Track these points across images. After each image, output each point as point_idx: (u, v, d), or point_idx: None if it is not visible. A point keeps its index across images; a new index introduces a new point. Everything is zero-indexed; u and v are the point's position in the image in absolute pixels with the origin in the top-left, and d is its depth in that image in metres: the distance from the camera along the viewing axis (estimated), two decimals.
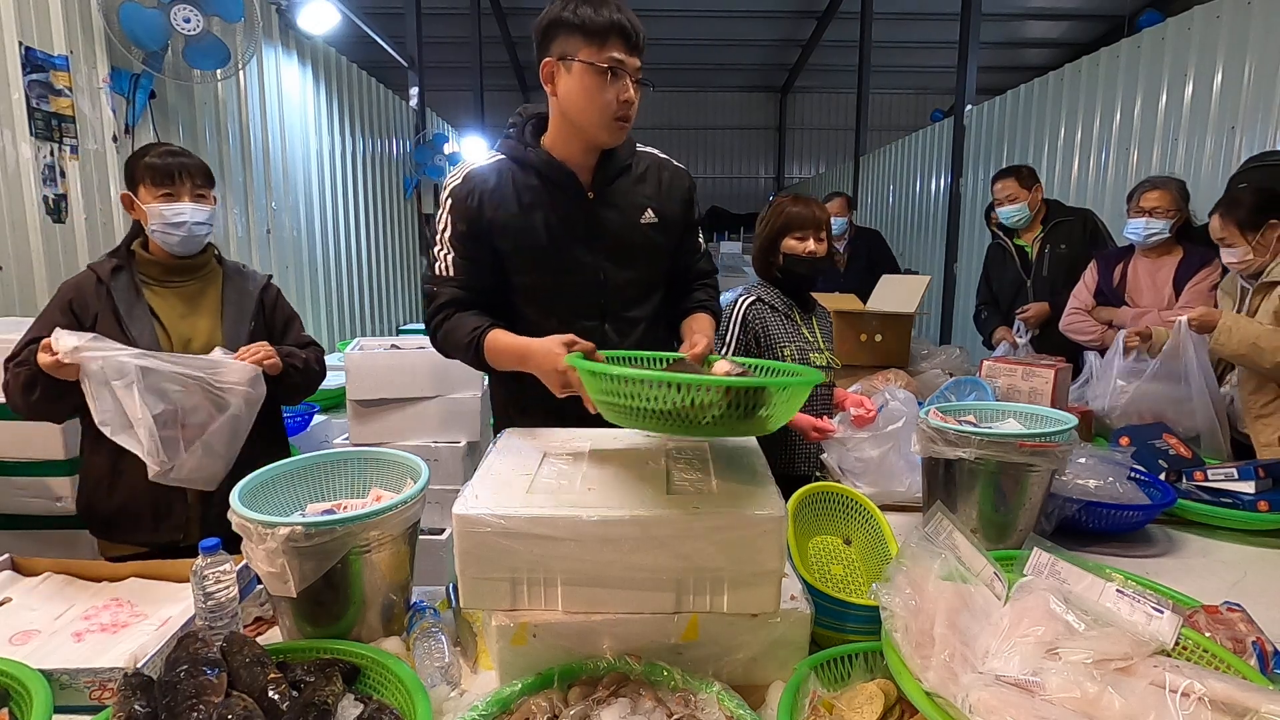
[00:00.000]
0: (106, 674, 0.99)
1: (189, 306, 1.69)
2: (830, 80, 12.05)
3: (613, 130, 1.37)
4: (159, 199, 1.61)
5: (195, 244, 1.68)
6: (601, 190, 1.46)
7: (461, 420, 2.42)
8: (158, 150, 1.65)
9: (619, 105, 1.34)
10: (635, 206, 1.48)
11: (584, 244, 1.45)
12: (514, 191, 1.43)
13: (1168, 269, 2.57)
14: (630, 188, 1.49)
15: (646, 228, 1.49)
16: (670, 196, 1.53)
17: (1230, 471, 1.69)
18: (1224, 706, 0.79)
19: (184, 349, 1.65)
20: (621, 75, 1.32)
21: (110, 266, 1.64)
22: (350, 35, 5.67)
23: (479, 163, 1.47)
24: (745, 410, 0.96)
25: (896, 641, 0.91)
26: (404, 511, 1.11)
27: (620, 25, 1.29)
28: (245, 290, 1.76)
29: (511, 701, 0.94)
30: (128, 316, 1.60)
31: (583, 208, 1.45)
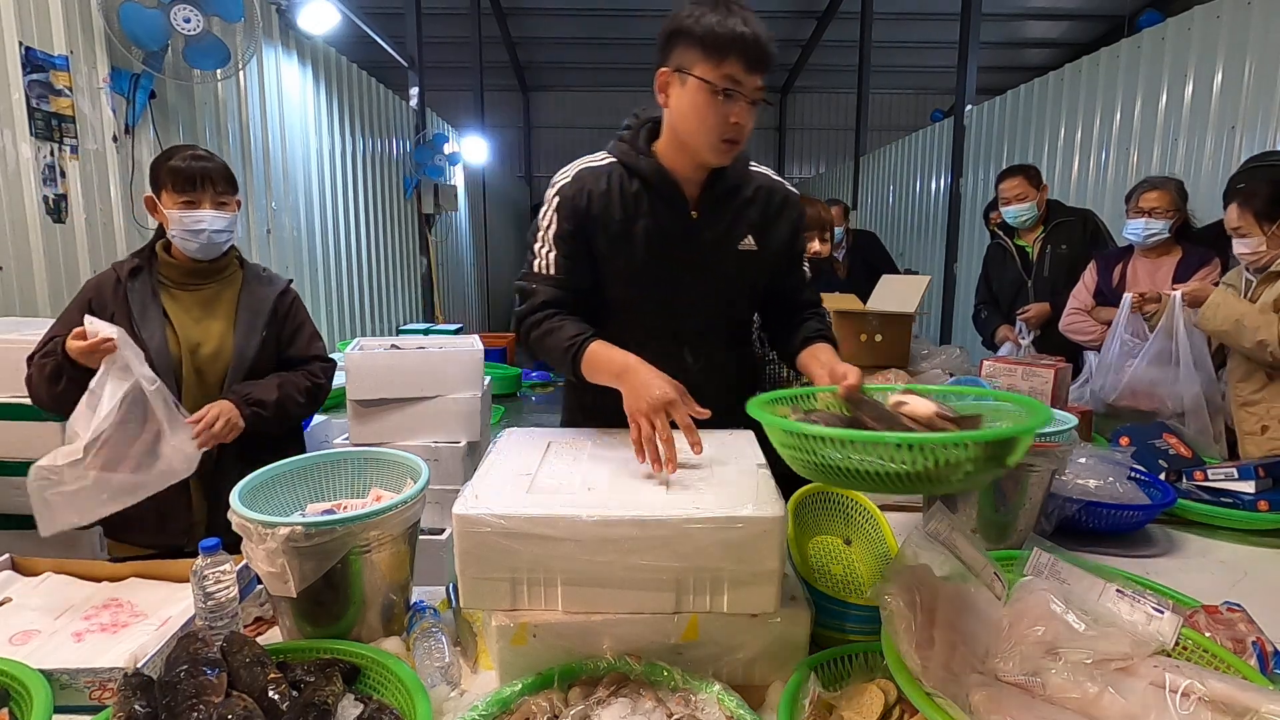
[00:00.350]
0: (106, 674, 0.99)
1: (204, 310, 1.69)
2: (830, 80, 12.05)
3: (719, 152, 1.28)
4: (180, 205, 1.61)
5: (215, 250, 1.68)
6: (706, 209, 1.37)
7: (461, 420, 2.42)
8: (182, 154, 1.65)
9: (729, 127, 1.24)
10: (735, 231, 1.40)
11: (678, 262, 1.38)
12: (620, 198, 1.36)
13: (1167, 269, 2.57)
14: (735, 210, 1.40)
15: (743, 254, 1.40)
16: (775, 224, 1.43)
17: (1230, 471, 1.69)
18: (1224, 706, 0.79)
19: (193, 353, 1.65)
20: (736, 96, 1.22)
21: (130, 267, 1.65)
22: (350, 35, 5.67)
23: (591, 162, 1.41)
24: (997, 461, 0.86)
25: (896, 641, 0.91)
26: (404, 511, 1.11)
27: (743, 41, 1.19)
28: (262, 296, 1.75)
29: (511, 701, 0.94)
30: (140, 318, 1.60)
31: (683, 225, 1.37)
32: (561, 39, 10.88)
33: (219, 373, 1.67)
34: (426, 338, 2.74)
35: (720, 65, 1.20)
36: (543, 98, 13.31)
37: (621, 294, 1.42)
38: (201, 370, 1.66)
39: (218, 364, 1.67)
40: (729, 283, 1.42)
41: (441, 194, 6.80)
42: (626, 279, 1.40)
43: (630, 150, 1.38)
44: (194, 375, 1.65)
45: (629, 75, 12.15)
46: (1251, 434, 2.04)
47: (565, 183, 1.40)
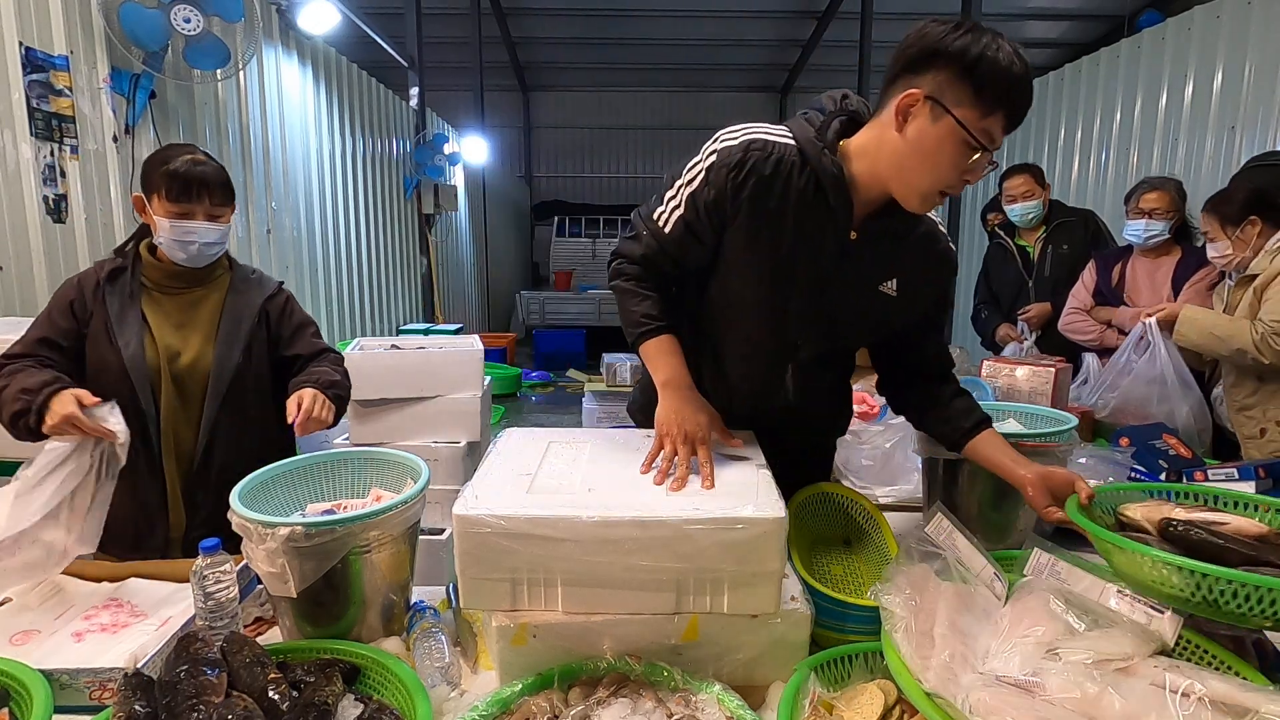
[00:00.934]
0: (106, 674, 0.99)
1: (185, 316, 1.59)
2: (830, 80, 12.03)
3: (929, 202, 1.13)
4: (171, 215, 1.51)
5: (204, 260, 1.59)
6: (866, 236, 1.19)
7: (461, 420, 2.42)
8: (180, 158, 1.52)
9: (958, 182, 1.08)
10: (882, 269, 1.23)
11: (812, 280, 1.22)
12: (781, 188, 1.16)
13: (1166, 269, 2.57)
14: (891, 248, 1.23)
15: (880, 296, 1.24)
16: (923, 275, 1.26)
17: (1230, 471, 1.69)
18: (1224, 707, 0.79)
19: (170, 363, 1.55)
20: (983, 155, 1.05)
21: (110, 268, 1.57)
22: (350, 35, 5.67)
23: (767, 133, 1.18)
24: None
25: (896, 641, 0.91)
26: (404, 511, 1.11)
27: (1017, 95, 1.03)
28: (249, 302, 1.64)
29: (511, 702, 0.94)
30: (118, 324, 1.52)
31: (838, 244, 1.19)
32: (561, 39, 10.88)
33: (198, 383, 1.57)
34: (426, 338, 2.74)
35: (986, 116, 1.02)
36: (543, 98, 13.31)
37: (743, 292, 1.26)
38: (180, 380, 1.56)
39: (196, 374, 1.57)
40: (855, 318, 1.27)
41: (441, 194, 6.80)
42: (754, 279, 1.23)
43: (815, 141, 1.16)
44: (172, 386, 1.55)
45: (629, 75, 12.16)
46: (1252, 438, 2.04)
47: (730, 146, 1.18)
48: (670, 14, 9.57)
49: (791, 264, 1.20)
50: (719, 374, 1.34)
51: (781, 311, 1.25)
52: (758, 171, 1.15)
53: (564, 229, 11.97)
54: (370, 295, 5.60)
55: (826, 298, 1.23)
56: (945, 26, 1.04)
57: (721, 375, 1.34)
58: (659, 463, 1.14)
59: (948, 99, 1.02)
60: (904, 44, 1.07)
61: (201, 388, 1.57)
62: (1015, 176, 3.11)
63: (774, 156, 1.16)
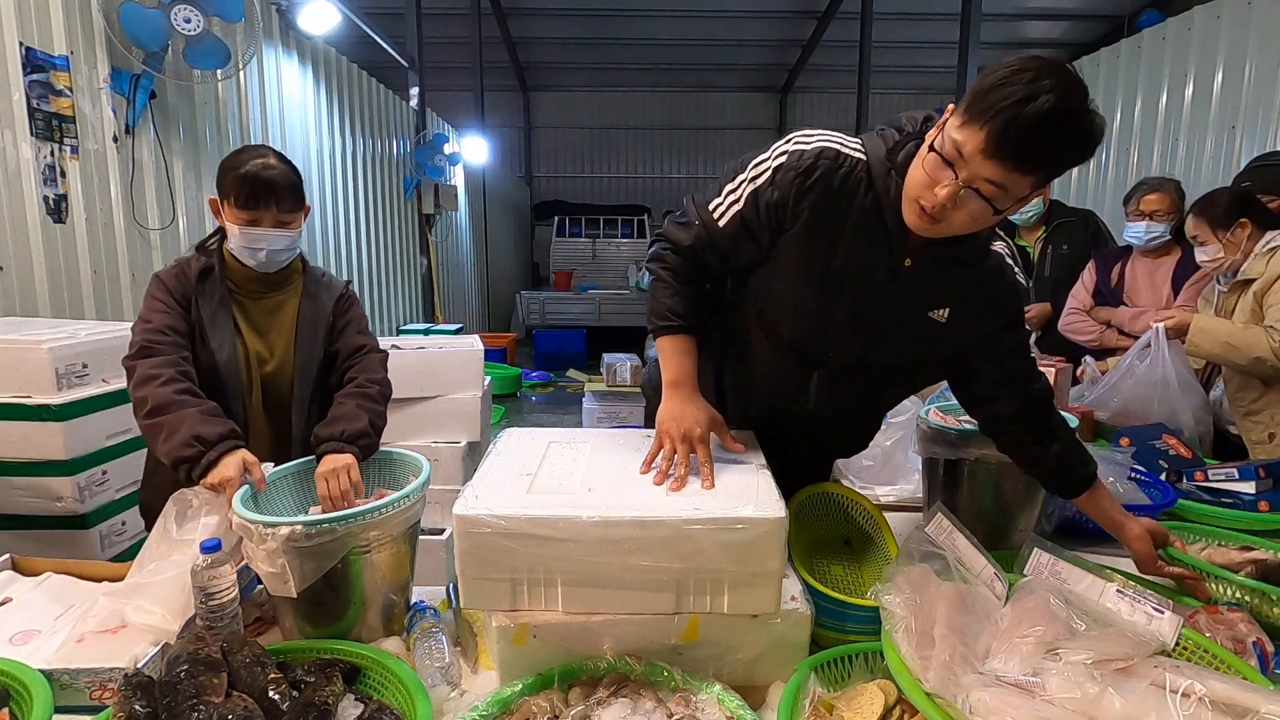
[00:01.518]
0: (106, 674, 0.99)
1: (268, 322, 1.59)
2: (830, 80, 12.05)
3: (910, 213, 1.06)
4: (240, 221, 1.48)
5: (274, 265, 1.56)
6: (920, 262, 1.15)
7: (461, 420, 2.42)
8: (251, 164, 1.47)
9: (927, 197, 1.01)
10: (932, 295, 1.18)
11: (857, 298, 1.19)
12: (843, 201, 1.14)
13: (1165, 269, 2.57)
14: (944, 272, 1.17)
15: (928, 322, 1.19)
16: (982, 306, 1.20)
17: (1231, 471, 1.69)
18: (1224, 707, 0.79)
19: (259, 368, 1.55)
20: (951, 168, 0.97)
21: (200, 267, 1.52)
22: (350, 35, 5.67)
23: (841, 143, 1.15)
24: None
25: (896, 641, 0.91)
26: (404, 511, 1.11)
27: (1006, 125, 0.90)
28: (322, 305, 1.62)
29: (512, 702, 0.94)
30: (210, 326, 1.50)
31: (889, 265, 1.15)
32: (561, 39, 10.88)
33: (283, 389, 1.57)
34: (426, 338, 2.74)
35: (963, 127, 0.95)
36: (543, 98, 13.31)
37: (786, 295, 1.24)
38: (266, 386, 1.56)
39: (279, 381, 1.57)
40: (895, 340, 1.23)
41: (441, 194, 6.80)
42: (800, 285, 1.21)
43: (885, 161, 1.13)
44: (258, 392, 1.56)
45: (629, 75, 12.16)
46: (1260, 443, 2.04)
47: (803, 150, 1.14)
48: (670, 14, 9.58)
49: (841, 278, 1.17)
50: (743, 369, 1.32)
51: (821, 322, 1.22)
52: (826, 181, 1.13)
53: (564, 229, 11.97)
54: (370, 295, 5.59)
55: (870, 316, 1.20)
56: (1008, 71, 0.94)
57: (745, 371, 1.32)
58: (659, 463, 1.14)
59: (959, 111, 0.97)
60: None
61: (283, 393, 1.56)
62: None
63: (844, 170, 1.14)
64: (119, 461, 2.13)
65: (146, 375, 1.36)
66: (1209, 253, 2.09)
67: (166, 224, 3.18)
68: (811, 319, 1.22)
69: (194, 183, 3.37)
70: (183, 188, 3.29)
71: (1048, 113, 0.88)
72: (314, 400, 1.58)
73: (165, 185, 3.17)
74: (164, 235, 3.16)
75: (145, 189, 3.07)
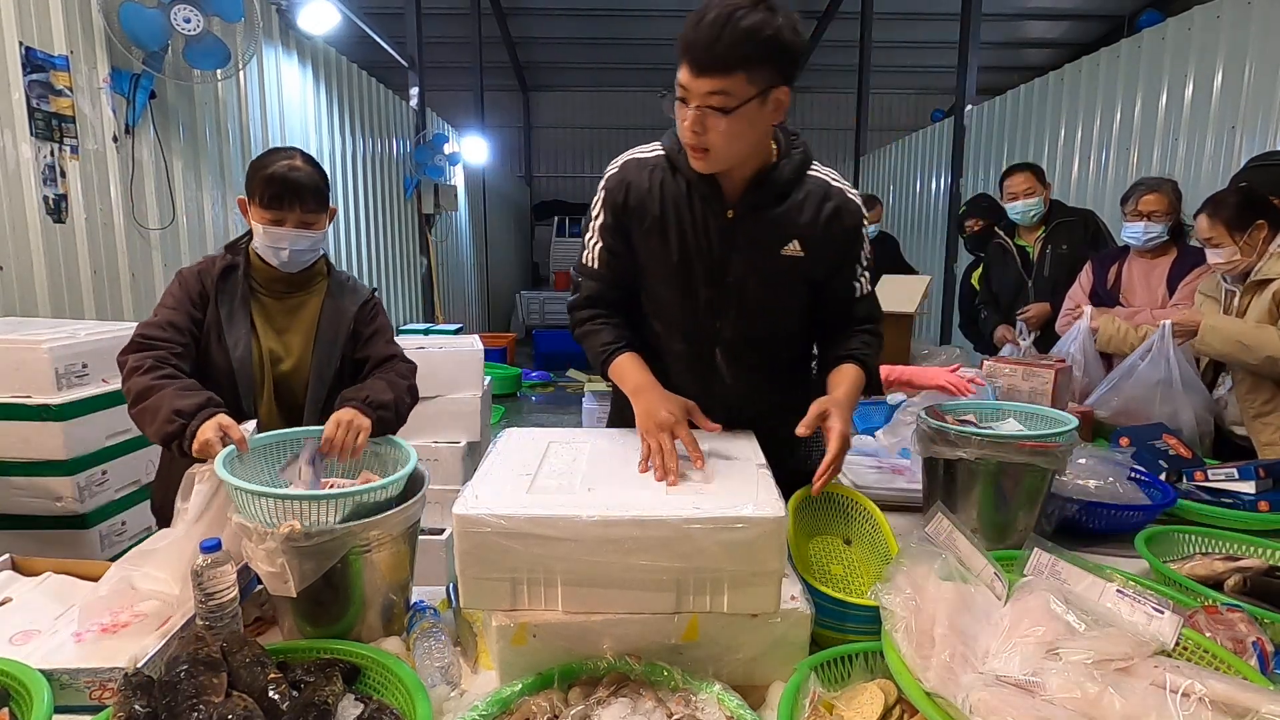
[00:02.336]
0: (106, 674, 0.99)
1: (288, 321, 1.61)
2: (830, 80, 12.06)
3: (696, 164, 1.23)
4: (265, 221, 1.51)
5: (297, 266, 1.58)
6: (745, 211, 1.30)
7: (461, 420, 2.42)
8: (277, 165, 1.50)
9: (685, 134, 1.19)
10: (780, 235, 1.31)
11: (713, 264, 1.33)
12: (659, 193, 1.32)
13: (1162, 269, 2.57)
14: (781, 213, 1.31)
15: (786, 259, 1.32)
16: (826, 229, 1.32)
17: (1230, 471, 1.69)
18: (1224, 707, 0.79)
19: (274, 367, 1.57)
20: (684, 102, 1.16)
21: (223, 265, 1.56)
22: (350, 35, 5.67)
23: (640, 152, 1.37)
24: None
25: (896, 641, 0.91)
26: (404, 511, 1.11)
27: (689, 39, 1.12)
28: (344, 309, 1.64)
29: (511, 702, 0.94)
30: (227, 323, 1.53)
31: (719, 225, 1.31)
32: (561, 39, 10.88)
33: (296, 389, 1.59)
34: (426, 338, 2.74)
35: (678, 71, 1.16)
36: (543, 98, 13.31)
37: (659, 291, 1.40)
38: (279, 385, 1.58)
39: (294, 381, 1.59)
40: (768, 289, 1.35)
41: (441, 194, 6.80)
42: (662, 277, 1.37)
43: (676, 143, 1.29)
44: (271, 391, 1.57)
45: (629, 75, 12.15)
46: (1270, 445, 2.03)
47: (612, 173, 1.37)
48: (670, 14, 9.57)
49: (687, 255, 1.33)
50: (663, 375, 1.37)
51: (693, 299, 1.37)
52: (634, 181, 1.34)
53: (564, 229, 11.97)
54: None
55: (730, 277, 1.34)
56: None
57: (665, 376, 1.37)
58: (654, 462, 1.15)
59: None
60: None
61: (297, 394, 1.58)
62: (1016, 174, 3.11)
63: (646, 168, 1.34)
64: (119, 461, 2.13)
65: (131, 368, 1.41)
66: (1224, 255, 2.06)
67: (166, 224, 3.18)
68: (685, 301, 1.37)
69: (194, 182, 3.37)
70: (182, 187, 3.29)
71: (712, 20, 1.09)
72: (329, 403, 1.57)
73: (165, 185, 3.17)
74: (164, 235, 3.16)
75: (145, 189, 3.07)
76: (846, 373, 1.35)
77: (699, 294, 1.35)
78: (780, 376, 1.48)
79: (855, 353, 1.38)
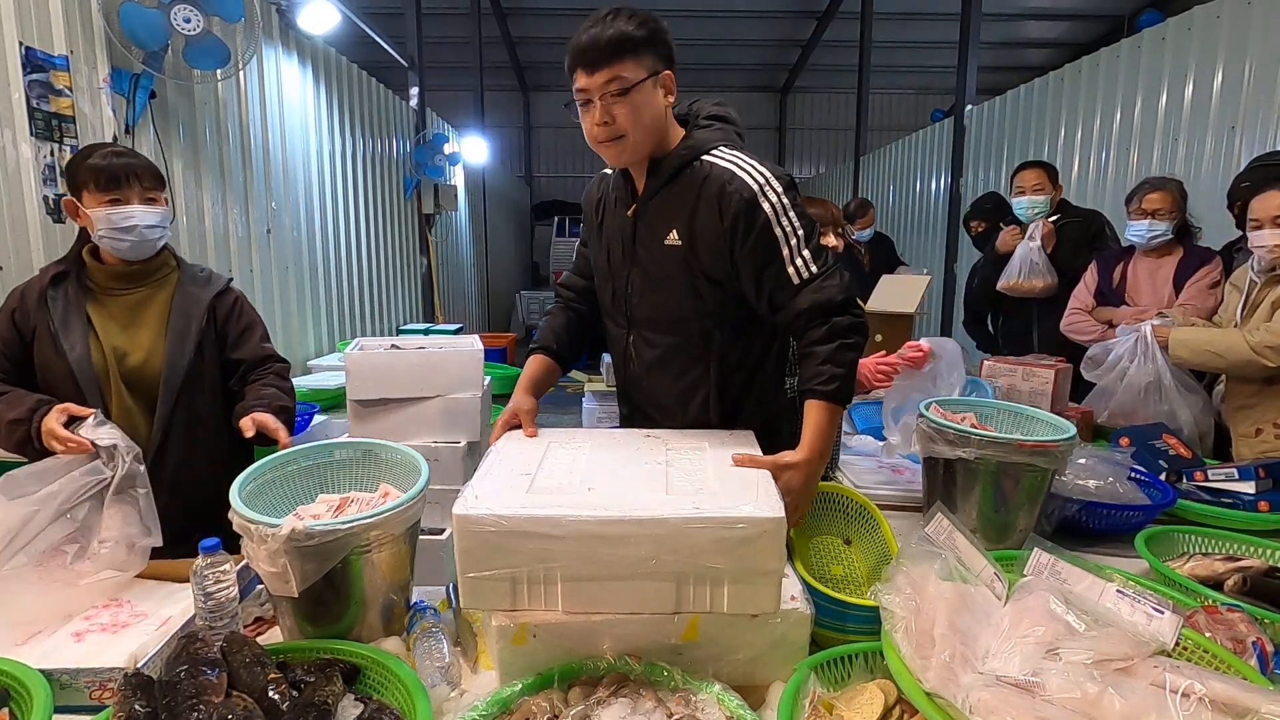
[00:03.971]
0: (106, 674, 0.99)
1: (132, 317, 1.59)
2: (830, 80, 12.06)
3: (604, 153, 1.33)
4: (106, 204, 1.50)
5: (148, 248, 1.58)
6: (643, 206, 1.38)
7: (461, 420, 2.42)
8: (102, 152, 1.53)
9: (593, 131, 1.30)
10: (662, 225, 1.35)
11: (619, 259, 1.44)
12: (600, 197, 1.51)
13: (1167, 268, 2.57)
14: (665, 202, 1.35)
15: (668, 249, 1.35)
16: (708, 215, 1.30)
17: (1230, 471, 1.69)
18: (1224, 707, 0.79)
19: (119, 363, 1.56)
20: (589, 103, 1.27)
21: (53, 273, 1.56)
22: (350, 35, 5.66)
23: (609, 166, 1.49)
24: None
25: (896, 641, 0.91)
26: (404, 511, 1.11)
27: (574, 49, 1.25)
28: (196, 299, 1.64)
29: (511, 702, 0.94)
30: (62, 329, 1.52)
31: (626, 221, 1.41)
32: (561, 39, 10.76)
33: (150, 383, 1.58)
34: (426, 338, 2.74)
35: (572, 77, 1.27)
36: (543, 98, 13.31)
37: (599, 283, 1.55)
38: (130, 381, 1.57)
39: (146, 374, 1.57)
40: (664, 279, 1.39)
41: (441, 194, 6.80)
42: (598, 271, 1.53)
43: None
44: (121, 387, 1.56)
45: None
46: (1245, 435, 2.04)
47: (596, 177, 1.57)
48: (670, 14, 9.51)
49: (609, 250, 1.46)
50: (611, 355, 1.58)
51: (613, 290, 1.48)
52: (592, 190, 1.55)
53: (564, 229, 11.95)
54: (370, 295, 5.59)
55: (634, 268, 1.42)
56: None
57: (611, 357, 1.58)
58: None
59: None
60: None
61: (153, 387, 1.58)
62: (1027, 170, 3.10)
63: (603, 178, 1.52)
64: None
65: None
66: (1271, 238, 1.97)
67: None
68: (609, 291, 1.49)
69: (194, 182, 3.37)
70: (182, 187, 3.28)
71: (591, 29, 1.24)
72: (183, 392, 1.60)
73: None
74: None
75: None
76: (810, 416, 1.25)
77: (614, 285, 1.47)
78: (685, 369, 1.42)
79: (814, 385, 1.25)
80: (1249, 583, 1.23)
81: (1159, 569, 1.30)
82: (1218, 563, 1.33)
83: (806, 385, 1.26)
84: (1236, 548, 1.42)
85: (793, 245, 1.28)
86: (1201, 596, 1.19)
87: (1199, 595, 1.20)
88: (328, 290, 4.80)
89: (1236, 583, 1.24)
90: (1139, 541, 1.38)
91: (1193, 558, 1.38)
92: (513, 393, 1.47)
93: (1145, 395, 2.17)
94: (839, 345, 1.25)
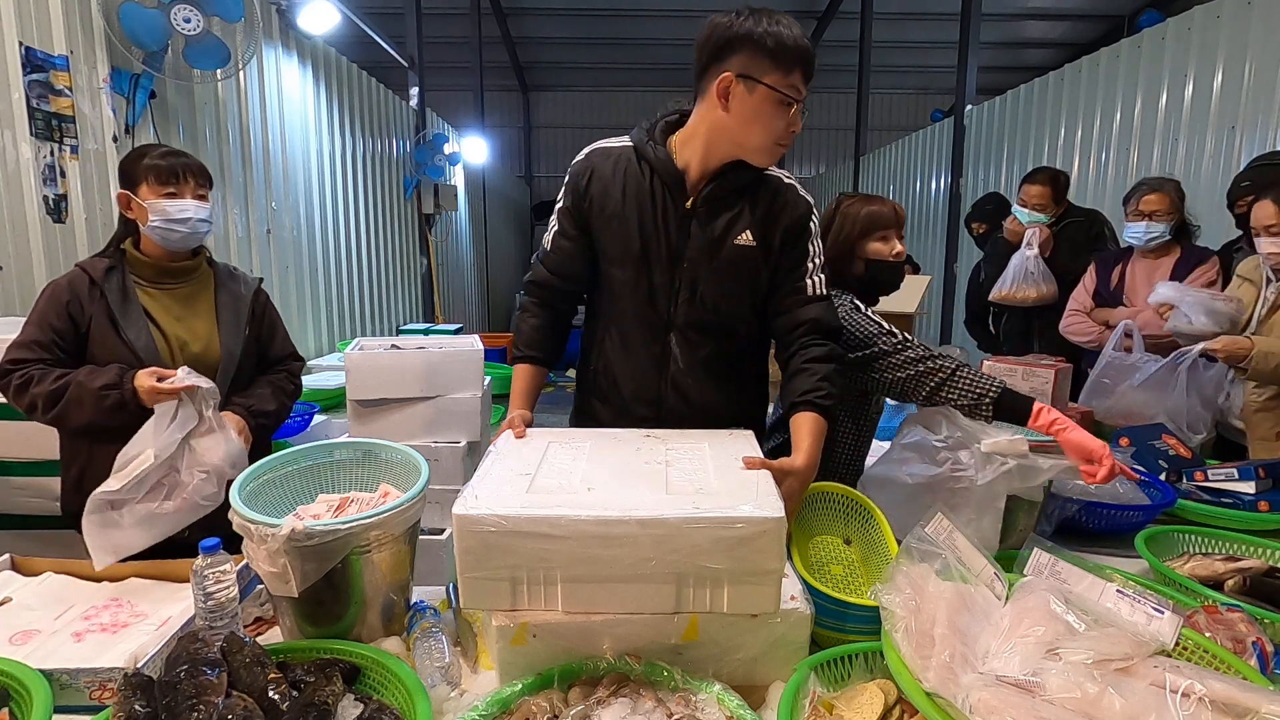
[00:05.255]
0: (106, 674, 0.99)
1: (184, 309, 1.68)
2: (830, 80, 12.04)
3: (773, 154, 1.35)
4: (163, 196, 1.60)
5: (196, 240, 1.68)
6: (703, 204, 1.39)
7: (461, 420, 2.42)
8: (159, 151, 1.63)
9: (787, 134, 1.32)
10: (733, 227, 1.39)
11: (670, 251, 1.41)
12: (622, 180, 1.42)
13: (1165, 269, 2.57)
14: (736, 207, 1.40)
15: (738, 248, 1.39)
16: (777, 222, 1.40)
17: (1230, 471, 1.69)
18: (1224, 707, 0.79)
19: (181, 351, 1.63)
20: (796, 105, 1.29)
21: (103, 267, 1.61)
22: (350, 35, 5.66)
23: (607, 142, 1.48)
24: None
25: (896, 641, 0.92)
26: (404, 511, 1.11)
27: (806, 55, 1.27)
28: (239, 294, 1.75)
29: (511, 702, 0.94)
30: (122, 319, 1.57)
31: (678, 215, 1.39)
32: (561, 39, 10.87)
33: (208, 372, 1.60)
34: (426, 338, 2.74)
35: (788, 77, 1.26)
36: (543, 98, 13.30)
37: (617, 276, 1.46)
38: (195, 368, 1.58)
39: (206, 363, 1.64)
40: (715, 278, 1.41)
41: (441, 194, 6.80)
42: (621, 263, 1.44)
43: (645, 137, 1.42)
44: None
45: (629, 75, 12.15)
46: (1264, 439, 2.03)
47: (578, 160, 1.48)
48: (670, 14, 9.57)
49: (645, 243, 1.40)
50: (623, 354, 1.49)
51: (648, 286, 1.42)
52: (597, 168, 1.44)
53: None
54: (370, 295, 5.59)
55: (684, 265, 1.40)
56: (730, 17, 1.28)
57: (623, 355, 1.49)
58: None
59: (755, 71, 1.26)
60: (702, 41, 1.32)
61: (211, 375, 1.61)
62: (1034, 185, 3.07)
63: (612, 157, 1.44)
64: None
65: (18, 386, 1.51)
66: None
67: None
68: (640, 287, 1.43)
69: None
70: None
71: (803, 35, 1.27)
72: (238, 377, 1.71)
73: None
74: None
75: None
76: (807, 427, 1.30)
77: (655, 280, 1.42)
78: (730, 369, 1.49)
79: (813, 398, 1.32)
80: (1249, 583, 1.24)
81: (1159, 569, 1.30)
82: (1218, 563, 1.33)
83: (804, 397, 1.33)
84: (1236, 548, 1.42)
85: (816, 263, 1.43)
86: (1201, 596, 1.19)
87: (1199, 595, 1.20)
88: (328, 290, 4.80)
89: (1236, 583, 1.24)
90: (1139, 541, 1.38)
91: (1193, 558, 1.38)
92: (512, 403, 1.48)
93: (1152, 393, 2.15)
94: (835, 369, 1.38)
